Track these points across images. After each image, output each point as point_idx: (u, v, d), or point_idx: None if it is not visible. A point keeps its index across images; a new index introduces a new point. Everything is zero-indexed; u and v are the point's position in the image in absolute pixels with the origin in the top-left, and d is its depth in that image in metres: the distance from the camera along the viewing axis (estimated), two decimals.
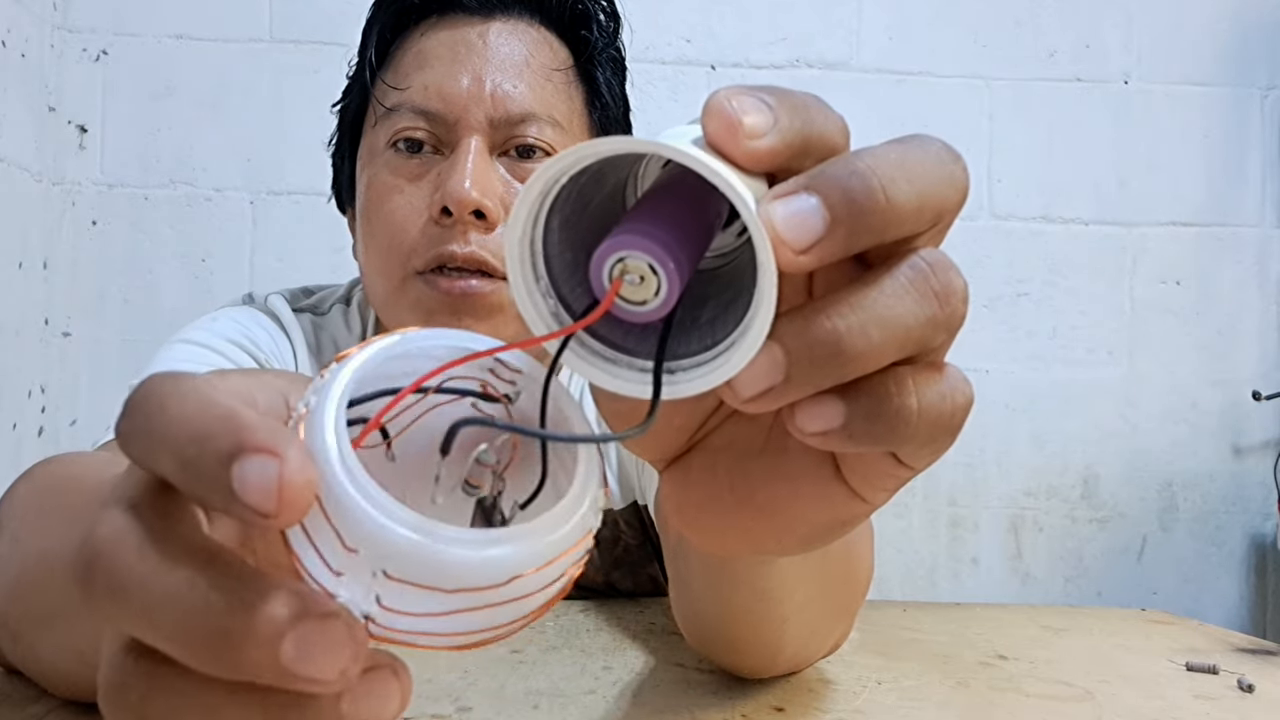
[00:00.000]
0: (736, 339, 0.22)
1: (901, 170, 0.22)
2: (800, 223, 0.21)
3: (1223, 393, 1.54)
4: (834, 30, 1.51)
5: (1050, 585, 1.52)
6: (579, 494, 0.22)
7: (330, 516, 0.19)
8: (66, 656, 0.37)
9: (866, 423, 0.22)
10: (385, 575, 0.19)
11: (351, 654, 0.18)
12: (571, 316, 0.24)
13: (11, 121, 1.28)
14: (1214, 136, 1.55)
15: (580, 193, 0.24)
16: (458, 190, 0.61)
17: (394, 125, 0.65)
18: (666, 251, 0.21)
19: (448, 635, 0.20)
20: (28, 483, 0.44)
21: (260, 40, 1.44)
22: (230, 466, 0.18)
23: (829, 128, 0.23)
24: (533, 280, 0.24)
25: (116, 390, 1.28)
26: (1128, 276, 1.54)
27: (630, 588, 0.77)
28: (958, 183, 0.23)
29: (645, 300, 0.22)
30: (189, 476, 0.19)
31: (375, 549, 0.19)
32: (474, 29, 0.66)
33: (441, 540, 0.19)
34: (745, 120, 0.21)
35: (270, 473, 0.18)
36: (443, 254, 0.62)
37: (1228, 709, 0.49)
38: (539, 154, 0.65)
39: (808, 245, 0.21)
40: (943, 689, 0.51)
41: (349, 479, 0.19)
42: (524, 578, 0.20)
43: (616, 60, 0.72)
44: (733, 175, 0.21)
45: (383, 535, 0.19)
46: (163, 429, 0.19)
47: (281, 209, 1.44)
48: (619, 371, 0.24)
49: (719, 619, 0.46)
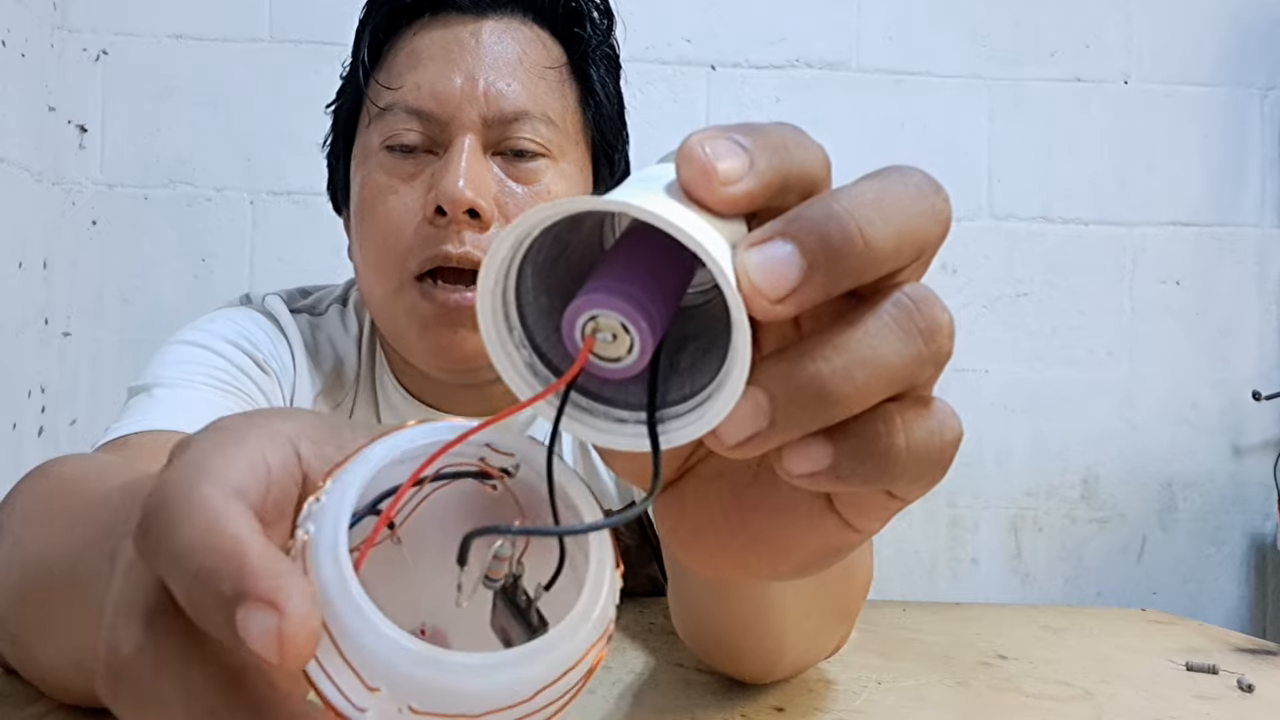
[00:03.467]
0: (714, 391, 0.22)
1: (879, 209, 0.21)
2: (776, 271, 0.20)
3: (1223, 393, 1.54)
4: (834, 30, 1.51)
5: (1050, 585, 1.52)
6: (595, 585, 0.22)
7: (345, 654, 0.19)
8: (63, 663, 0.37)
9: (855, 462, 0.22)
10: (411, 710, 0.19)
11: None
12: (547, 365, 0.24)
13: (11, 121, 1.28)
14: (1214, 136, 1.55)
15: (556, 237, 0.24)
16: (451, 189, 0.61)
17: (387, 125, 0.65)
18: (639, 310, 0.21)
19: None
20: (29, 486, 0.44)
21: (260, 40, 1.44)
22: (234, 613, 0.18)
23: (809, 162, 0.22)
24: (505, 332, 0.23)
25: (116, 390, 1.27)
26: (1128, 276, 1.54)
27: (630, 588, 0.77)
28: (939, 215, 0.23)
29: (619, 357, 0.22)
30: (198, 612, 0.19)
31: (396, 688, 0.19)
32: (466, 28, 0.66)
33: (461, 672, 0.19)
34: (720, 166, 0.21)
35: (271, 625, 0.18)
36: (438, 255, 0.62)
37: (1228, 709, 0.49)
38: (534, 154, 0.65)
39: (784, 294, 0.21)
40: (942, 689, 0.51)
41: (359, 618, 0.19)
42: (550, 687, 0.20)
43: (610, 58, 0.72)
44: (703, 231, 0.20)
45: (401, 674, 0.19)
46: (171, 556, 0.19)
47: (281, 209, 1.44)
48: (601, 425, 0.24)
49: (719, 632, 0.46)
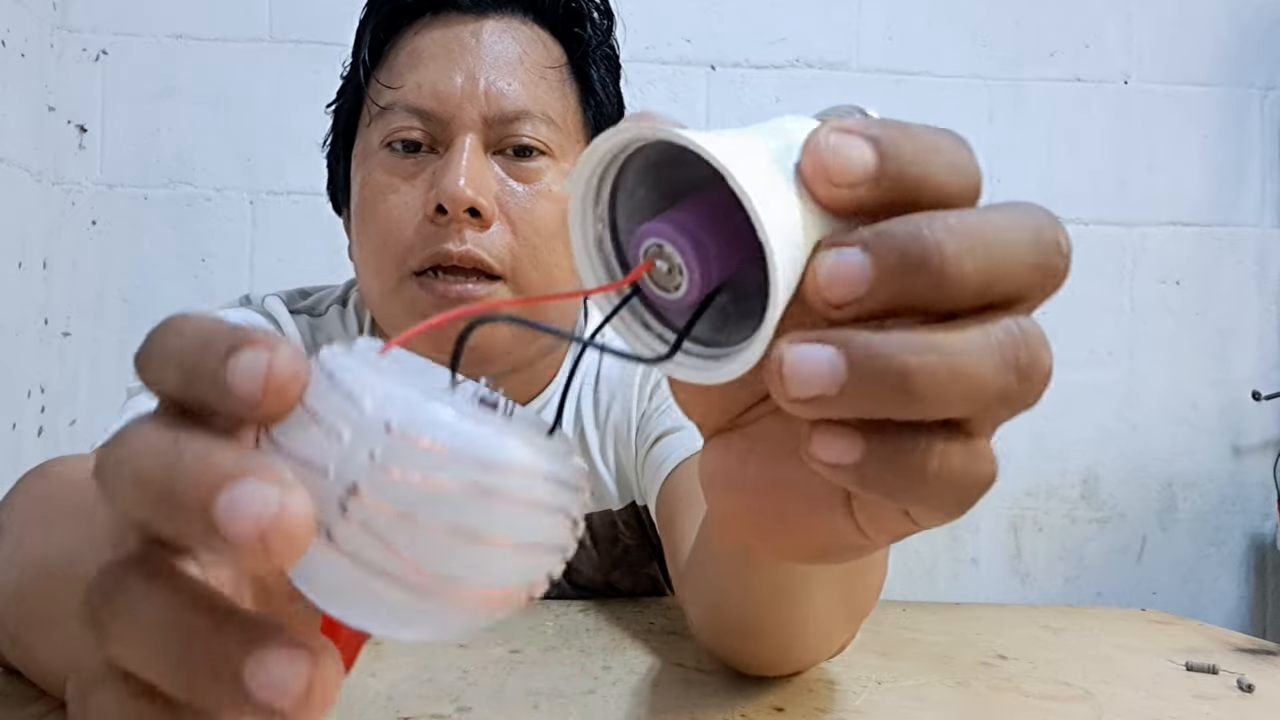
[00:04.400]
0: (733, 353, 0.22)
1: (976, 243, 0.21)
2: (842, 278, 0.21)
3: (1223, 393, 1.54)
4: (834, 30, 1.51)
5: (1050, 585, 1.52)
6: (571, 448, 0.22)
7: (315, 402, 0.19)
8: (62, 661, 0.37)
9: (882, 469, 0.21)
10: (373, 458, 0.19)
11: (307, 675, 0.18)
12: (617, 250, 0.25)
13: (11, 121, 1.28)
14: (1214, 136, 1.55)
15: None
16: (452, 188, 0.61)
17: (388, 124, 0.65)
18: (697, 256, 0.22)
19: (436, 524, 0.19)
20: (28, 486, 0.44)
21: (260, 40, 1.44)
22: (227, 361, 0.19)
23: (947, 178, 0.22)
24: (591, 205, 0.25)
25: (116, 390, 1.27)
26: (1128, 276, 1.54)
27: (630, 588, 0.77)
28: (1048, 268, 0.22)
29: (674, 288, 0.23)
30: (190, 380, 0.20)
31: (364, 425, 0.19)
32: (467, 27, 0.66)
33: (434, 399, 0.19)
34: (835, 165, 0.21)
35: (261, 361, 0.19)
36: (438, 253, 0.62)
37: (1227, 709, 0.49)
38: (535, 154, 0.65)
39: (845, 302, 0.21)
40: (942, 689, 0.51)
41: (338, 367, 0.20)
42: (510, 475, 0.19)
43: (610, 58, 0.72)
44: (780, 220, 0.21)
45: (373, 406, 0.19)
46: (175, 343, 0.21)
47: (281, 209, 1.44)
48: (643, 336, 0.25)
49: (736, 612, 0.46)
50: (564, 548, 0.21)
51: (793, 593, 0.41)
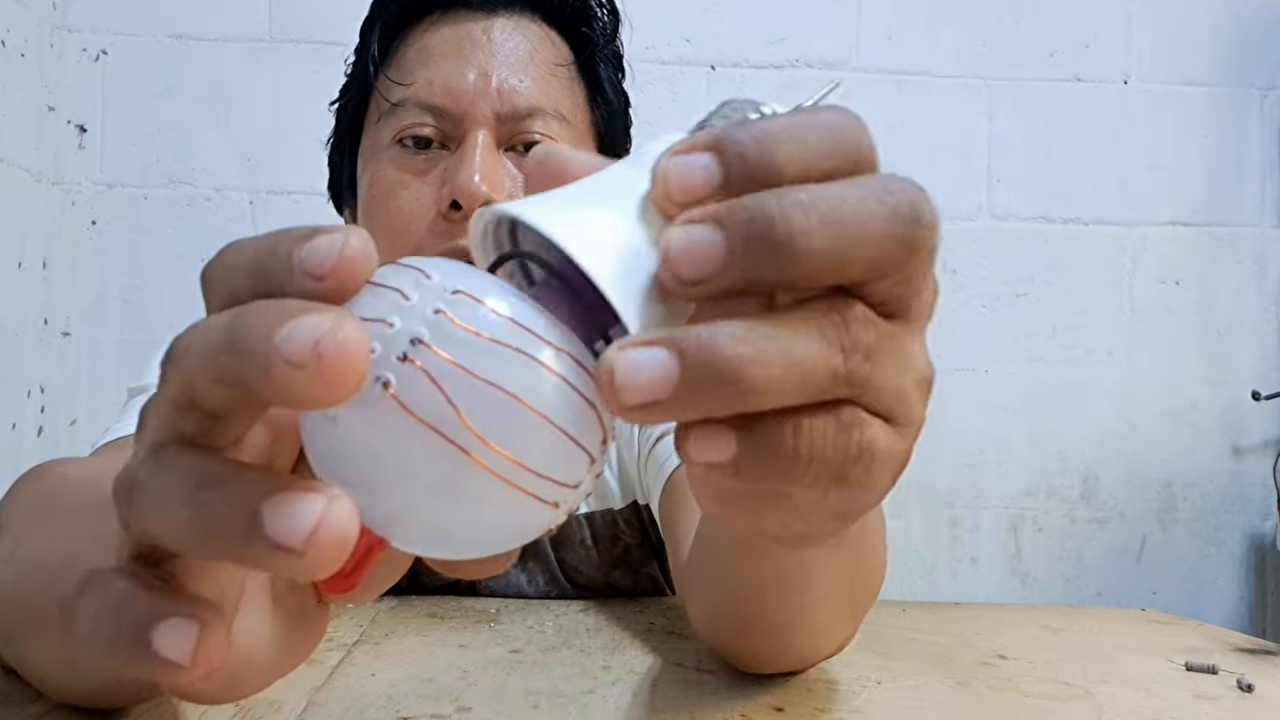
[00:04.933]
0: None
1: (829, 219, 0.20)
2: (694, 253, 0.20)
3: (1223, 393, 1.54)
4: (834, 30, 1.51)
5: (1049, 585, 1.52)
6: None
7: (382, 279, 0.20)
8: (56, 663, 0.37)
9: (755, 461, 0.21)
10: (439, 312, 0.20)
11: (319, 515, 0.18)
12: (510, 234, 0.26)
13: (11, 121, 1.28)
14: (1214, 136, 1.55)
15: None
16: (468, 184, 0.61)
17: (399, 121, 0.65)
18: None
19: (491, 377, 0.20)
20: (27, 486, 0.44)
21: (260, 40, 1.44)
22: (304, 243, 0.20)
23: (809, 161, 0.21)
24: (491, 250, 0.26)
25: (116, 390, 1.27)
26: (1127, 276, 1.54)
27: (630, 588, 0.77)
28: (911, 241, 0.21)
29: None
30: (261, 276, 0.20)
31: (431, 288, 0.20)
32: (478, 25, 0.66)
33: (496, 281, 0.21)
34: (678, 188, 0.21)
35: (336, 240, 0.20)
36: (452, 250, 0.62)
37: (1227, 709, 0.49)
38: None
39: (698, 279, 0.20)
40: (942, 689, 0.51)
41: (403, 260, 0.21)
42: (560, 353, 0.20)
43: (616, 57, 0.73)
44: (629, 290, 0.21)
45: (440, 276, 0.20)
46: (246, 249, 0.21)
47: (281, 209, 1.44)
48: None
49: (737, 599, 0.46)
50: (587, 472, 0.21)
51: (791, 583, 0.41)
